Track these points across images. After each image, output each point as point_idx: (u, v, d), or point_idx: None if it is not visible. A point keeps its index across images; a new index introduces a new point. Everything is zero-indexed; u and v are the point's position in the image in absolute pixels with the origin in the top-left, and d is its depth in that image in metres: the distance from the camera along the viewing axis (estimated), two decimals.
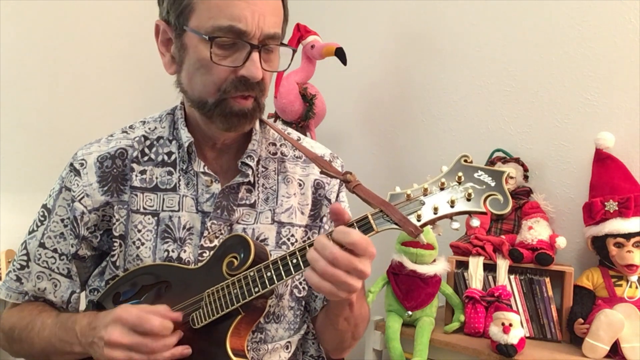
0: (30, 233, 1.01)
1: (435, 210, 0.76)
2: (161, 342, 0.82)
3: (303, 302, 1.04)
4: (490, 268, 1.62)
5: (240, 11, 0.85)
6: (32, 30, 1.96)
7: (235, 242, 0.89)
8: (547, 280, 1.55)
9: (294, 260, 0.80)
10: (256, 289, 0.83)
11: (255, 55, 0.87)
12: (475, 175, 0.76)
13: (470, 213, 0.75)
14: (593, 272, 1.57)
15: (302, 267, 0.80)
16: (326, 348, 1.09)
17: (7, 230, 1.85)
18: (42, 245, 0.99)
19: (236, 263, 0.86)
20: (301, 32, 1.98)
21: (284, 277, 0.81)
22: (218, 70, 0.88)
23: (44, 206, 1.01)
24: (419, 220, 0.76)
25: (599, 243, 1.54)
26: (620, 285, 1.51)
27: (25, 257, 1.00)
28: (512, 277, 1.59)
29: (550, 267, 1.57)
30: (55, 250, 0.99)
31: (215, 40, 0.86)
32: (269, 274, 0.82)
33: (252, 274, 0.84)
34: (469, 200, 0.75)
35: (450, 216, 0.76)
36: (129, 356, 0.81)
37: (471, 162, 0.77)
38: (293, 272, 0.80)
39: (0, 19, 1.87)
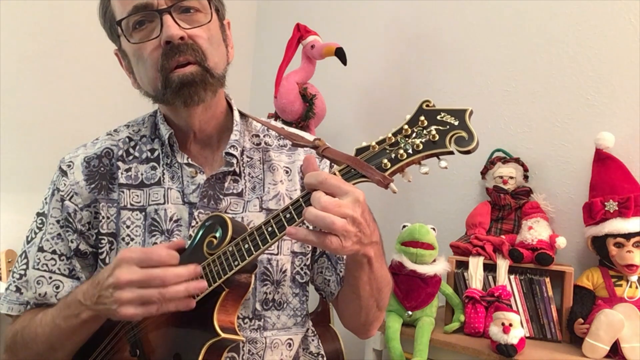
0: (28, 242, 1.01)
1: (401, 156, 0.75)
2: (172, 271, 0.79)
3: (307, 288, 1.05)
4: (490, 268, 1.62)
5: None
6: (32, 30, 1.96)
7: (213, 222, 0.89)
8: (547, 280, 1.56)
9: (269, 228, 0.80)
10: (236, 263, 0.83)
11: (166, 17, 0.89)
12: (438, 117, 0.75)
13: (437, 155, 0.75)
14: (593, 272, 1.57)
15: (278, 234, 0.80)
16: (352, 326, 1.07)
17: (7, 230, 1.85)
18: (40, 249, 0.99)
19: (215, 242, 0.87)
20: (301, 32, 1.99)
21: (262, 247, 0.81)
22: (148, 51, 0.91)
23: (40, 213, 1.02)
24: (386, 169, 0.76)
25: (599, 243, 1.54)
26: (620, 285, 1.51)
27: (25, 266, 1.00)
28: (512, 277, 1.59)
29: (550, 267, 1.57)
30: (54, 252, 0.99)
31: (125, 22, 0.91)
32: (246, 246, 0.82)
33: (230, 249, 0.84)
34: (434, 142, 0.74)
35: (417, 161, 0.76)
36: (140, 294, 0.78)
37: (433, 106, 0.77)
38: (269, 240, 0.80)
39: (0, 19, 1.87)
